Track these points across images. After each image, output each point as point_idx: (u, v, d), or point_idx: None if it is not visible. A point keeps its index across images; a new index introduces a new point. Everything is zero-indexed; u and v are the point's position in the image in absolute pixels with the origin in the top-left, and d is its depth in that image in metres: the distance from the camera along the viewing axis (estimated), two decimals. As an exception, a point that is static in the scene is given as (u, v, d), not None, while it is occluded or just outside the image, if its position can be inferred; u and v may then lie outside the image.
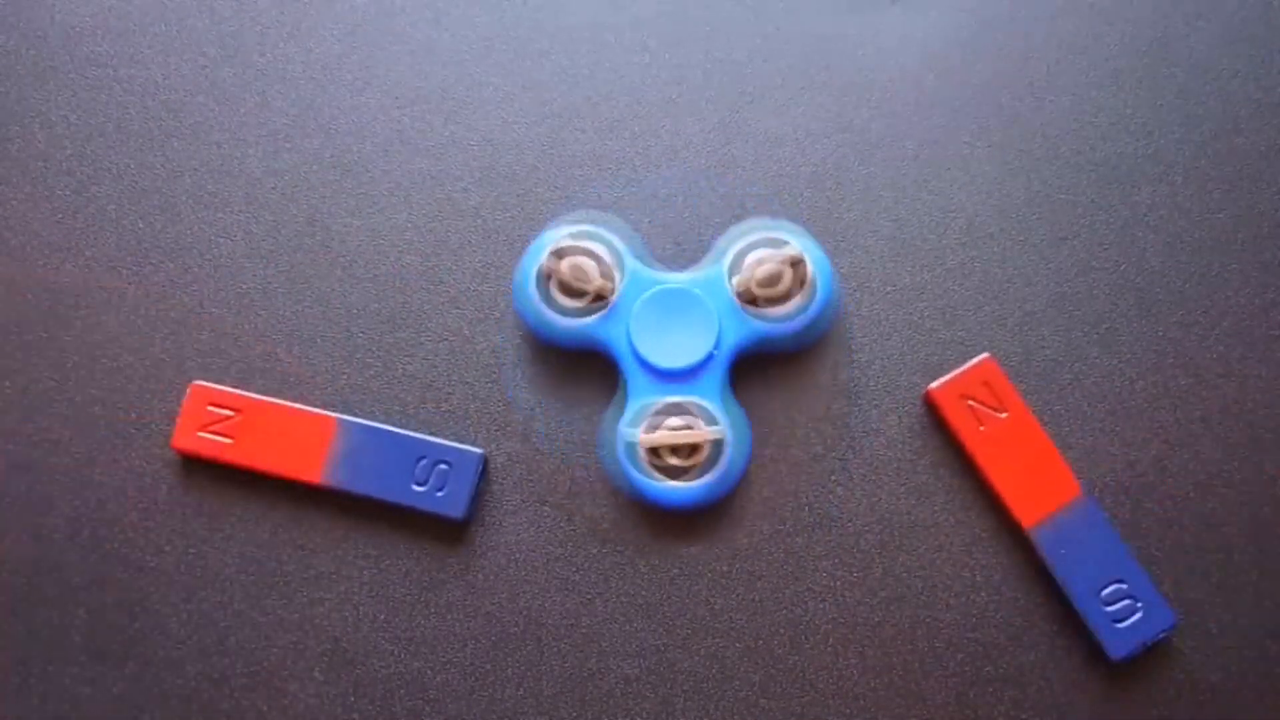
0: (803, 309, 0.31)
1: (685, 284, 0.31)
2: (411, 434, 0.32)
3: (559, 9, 0.35)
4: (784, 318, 0.31)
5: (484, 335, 0.33)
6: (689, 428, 0.31)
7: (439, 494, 0.31)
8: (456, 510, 0.31)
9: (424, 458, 0.32)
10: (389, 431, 0.32)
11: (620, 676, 0.31)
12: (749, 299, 0.31)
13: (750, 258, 0.31)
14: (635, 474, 0.31)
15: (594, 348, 0.32)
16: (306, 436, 0.32)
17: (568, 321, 0.31)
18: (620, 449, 0.31)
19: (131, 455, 0.32)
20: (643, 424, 0.31)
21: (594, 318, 0.31)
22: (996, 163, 0.34)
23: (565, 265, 0.31)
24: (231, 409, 0.32)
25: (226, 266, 0.33)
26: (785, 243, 0.31)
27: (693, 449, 0.31)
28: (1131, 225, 0.33)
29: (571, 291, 0.31)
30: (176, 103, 0.34)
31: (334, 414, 0.32)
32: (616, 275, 0.31)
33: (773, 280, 0.31)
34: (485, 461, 0.32)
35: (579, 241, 0.32)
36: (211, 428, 0.32)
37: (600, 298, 0.31)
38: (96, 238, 0.34)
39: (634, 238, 0.33)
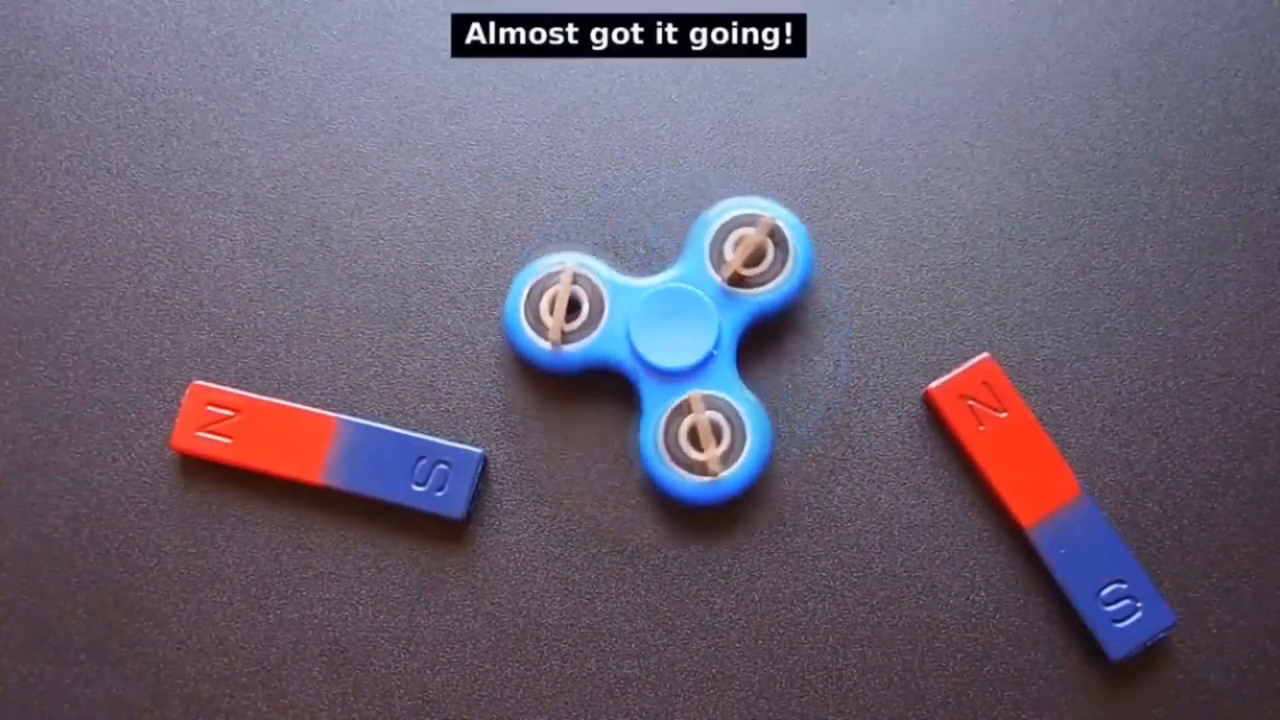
0: (788, 274, 0.31)
1: (673, 283, 0.31)
2: (411, 434, 0.32)
3: (558, 9, 0.35)
4: (773, 288, 0.31)
5: (484, 335, 0.33)
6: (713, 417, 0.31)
7: (439, 494, 0.31)
8: (456, 510, 0.31)
9: (424, 458, 0.32)
10: (389, 431, 0.32)
11: (620, 676, 0.31)
12: (736, 281, 0.31)
13: (729, 241, 0.31)
14: (671, 475, 0.31)
15: (602, 368, 0.32)
16: (306, 437, 0.32)
17: (568, 350, 0.31)
18: (648, 451, 0.31)
19: (131, 455, 0.32)
20: (662, 422, 0.31)
21: (592, 338, 0.31)
22: (996, 163, 0.34)
23: (550, 297, 0.31)
24: (231, 409, 0.32)
25: (226, 266, 0.33)
26: (757, 216, 0.31)
27: (717, 440, 0.31)
28: (1131, 225, 0.33)
29: (566, 316, 0.31)
30: (176, 103, 0.34)
31: (334, 414, 0.32)
32: (603, 294, 0.31)
33: (757, 257, 0.31)
34: (485, 461, 0.32)
35: (559, 269, 0.32)
36: (211, 428, 0.32)
37: (592, 317, 0.31)
38: (96, 238, 0.34)
39: (632, 241, 0.33)
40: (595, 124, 0.34)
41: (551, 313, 0.31)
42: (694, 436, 0.31)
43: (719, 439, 0.31)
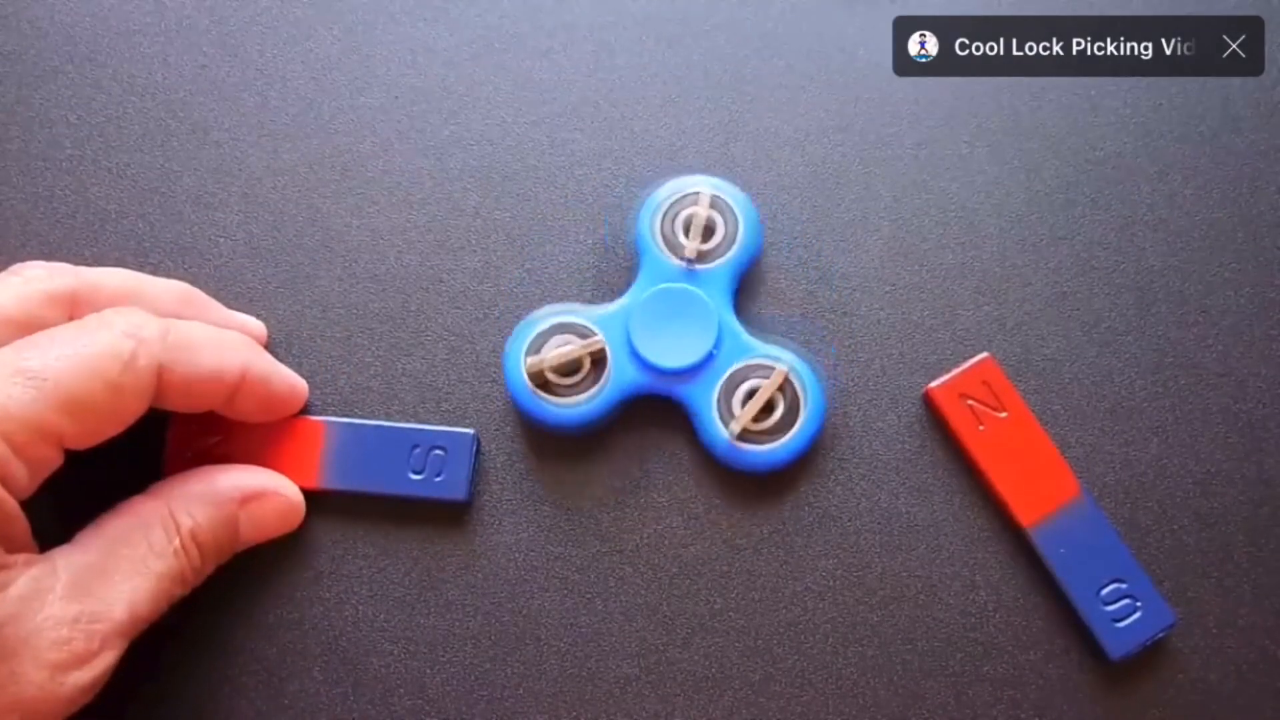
0: (741, 242, 0.32)
1: (643, 280, 0.31)
2: (401, 425, 0.32)
3: (559, 9, 0.35)
4: (730, 257, 0.32)
5: (484, 335, 0.33)
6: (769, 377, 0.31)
7: (438, 479, 0.31)
8: (458, 493, 0.31)
9: (417, 446, 0.32)
10: (379, 426, 0.32)
11: (620, 676, 0.31)
12: (699, 260, 0.31)
13: (678, 222, 0.32)
14: (733, 444, 0.31)
15: (618, 405, 0.32)
16: (297, 445, 0.32)
17: (579, 406, 0.31)
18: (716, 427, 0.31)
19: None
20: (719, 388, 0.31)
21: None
22: (996, 163, 0.34)
23: (550, 360, 0.31)
24: (218, 433, 0.32)
25: (226, 266, 0.33)
26: (695, 194, 0.32)
27: (769, 410, 0.31)
28: (1131, 225, 0.33)
29: (563, 373, 0.31)
30: (176, 103, 0.34)
31: (321, 418, 0.32)
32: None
33: (709, 232, 0.32)
34: (478, 442, 0.32)
35: (552, 335, 0.32)
36: (200, 459, 0.31)
37: (597, 364, 0.31)
38: (96, 238, 0.34)
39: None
40: (595, 124, 0.34)
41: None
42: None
43: (771, 410, 0.31)
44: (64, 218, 0.34)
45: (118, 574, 0.27)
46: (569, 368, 0.31)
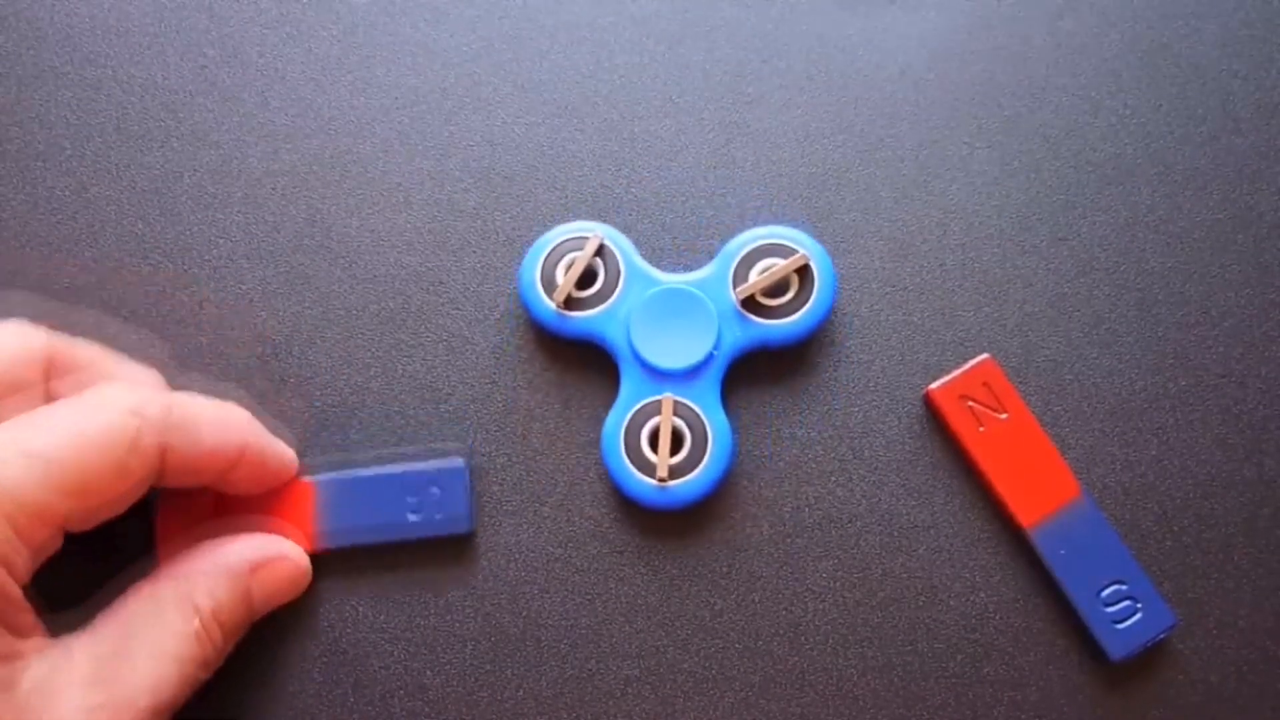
0: (806, 312, 0.31)
1: (687, 285, 0.31)
2: (388, 469, 0.31)
3: (559, 9, 0.35)
4: (786, 321, 0.31)
5: (484, 335, 0.33)
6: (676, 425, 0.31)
7: (438, 517, 0.31)
8: (461, 526, 0.31)
9: (410, 487, 0.31)
10: (367, 476, 0.31)
11: (620, 676, 0.31)
12: (750, 304, 0.31)
13: (758, 265, 0.31)
14: (623, 471, 0.31)
15: (594, 342, 0.32)
16: (288, 509, 0.31)
17: (572, 315, 0.31)
18: (606, 444, 0.31)
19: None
20: (625, 422, 0.31)
21: (596, 312, 0.31)
22: (996, 163, 0.34)
23: (570, 261, 0.31)
24: (206, 506, 0.31)
25: (226, 266, 0.33)
26: (793, 250, 0.31)
27: (676, 450, 0.31)
28: (1131, 225, 0.33)
29: (578, 284, 0.31)
30: (176, 103, 0.34)
31: (307, 478, 0.31)
32: (621, 272, 0.32)
33: (780, 289, 0.31)
34: (470, 465, 0.32)
35: (586, 237, 0.32)
36: (193, 530, 0.30)
37: (603, 293, 0.31)
38: (96, 238, 0.34)
39: (632, 240, 0.33)
40: (595, 124, 0.34)
41: (566, 274, 0.31)
42: (654, 439, 0.31)
43: (679, 447, 0.31)
44: (64, 218, 0.34)
45: (139, 662, 0.26)
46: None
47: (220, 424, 0.29)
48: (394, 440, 0.32)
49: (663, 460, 0.30)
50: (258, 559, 0.29)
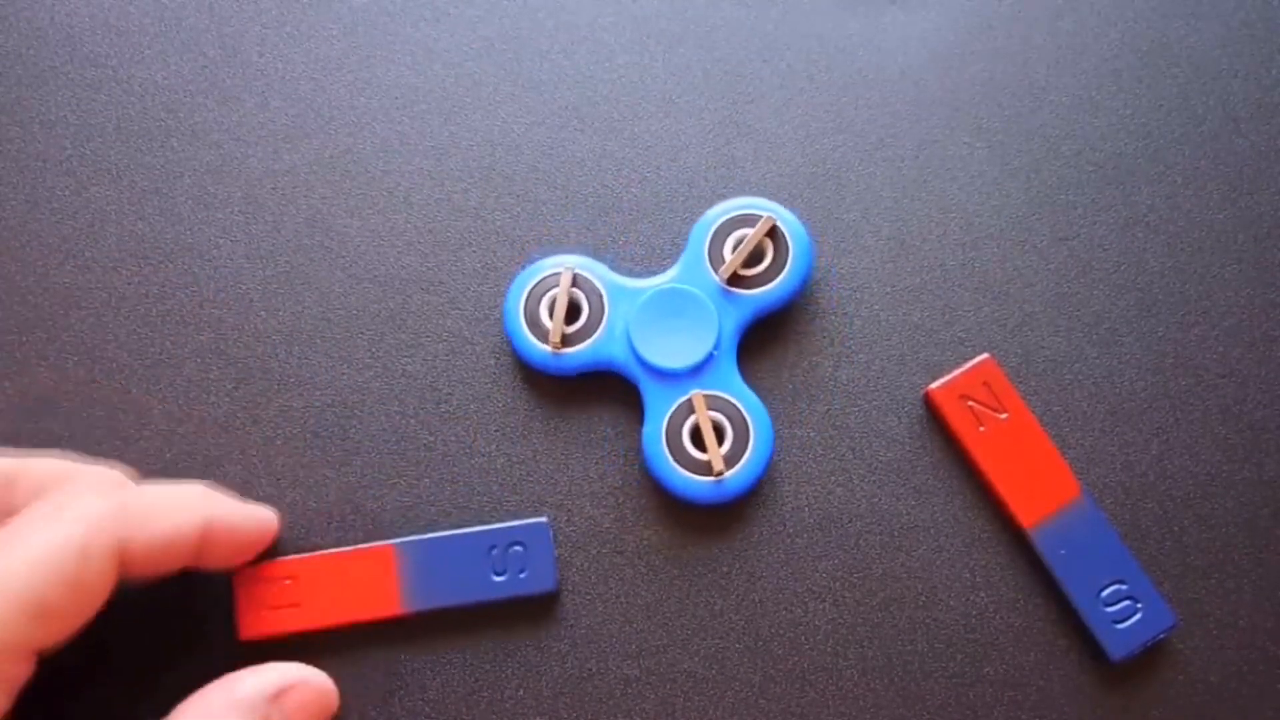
0: (789, 272, 0.31)
1: (672, 284, 0.31)
2: (473, 529, 0.31)
3: (559, 9, 0.35)
4: (773, 285, 0.31)
5: (484, 335, 0.33)
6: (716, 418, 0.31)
7: (522, 575, 0.31)
8: (546, 584, 0.31)
9: (494, 546, 0.31)
10: (450, 536, 0.31)
11: (620, 677, 0.31)
12: (735, 280, 0.31)
13: (729, 242, 0.31)
14: (674, 476, 0.31)
15: (603, 370, 0.32)
16: (370, 575, 0.31)
17: (569, 352, 0.31)
18: (650, 454, 0.31)
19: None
20: (665, 423, 0.31)
21: (592, 341, 0.31)
22: (996, 163, 0.34)
23: (549, 300, 0.31)
24: (287, 576, 0.31)
25: (226, 266, 0.33)
26: (757, 217, 0.31)
27: (720, 440, 0.31)
28: (1131, 225, 0.33)
29: (566, 319, 0.31)
30: (176, 103, 0.34)
31: (389, 542, 0.31)
32: (602, 294, 0.32)
33: (757, 257, 0.31)
34: (552, 524, 0.32)
35: (558, 272, 0.32)
36: (274, 603, 0.30)
37: (592, 321, 0.31)
38: (96, 238, 0.34)
39: (633, 240, 0.33)
40: (595, 124, 0.34)
41: (551, 316, 0.31)
42: (697, 437, 0.31)
43: (722, 439, 0.31)
44: (64, 218, 0.34)
45: None
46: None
47: (174, 506, 0.28)
48: (396, 442, 0.32)
49: (714, 453, 0.30)
50: (275, 686, 0.28)
